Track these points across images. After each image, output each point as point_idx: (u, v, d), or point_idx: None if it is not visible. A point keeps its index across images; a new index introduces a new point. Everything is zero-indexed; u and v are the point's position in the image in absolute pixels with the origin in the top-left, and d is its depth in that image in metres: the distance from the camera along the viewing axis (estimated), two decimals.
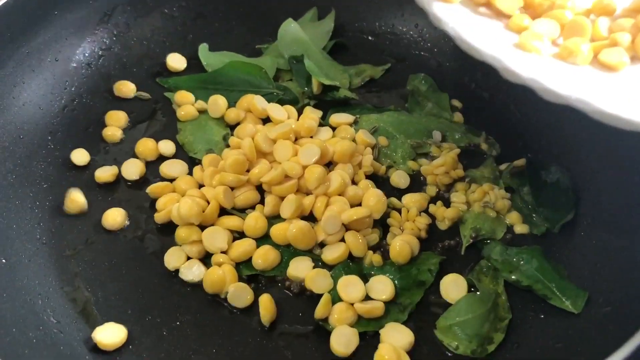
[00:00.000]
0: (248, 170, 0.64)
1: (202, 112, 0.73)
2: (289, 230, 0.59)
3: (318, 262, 0.60)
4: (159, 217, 0.63)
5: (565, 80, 0.48)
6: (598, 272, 0.58)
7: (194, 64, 0.79)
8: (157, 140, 0.70)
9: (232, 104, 0.73)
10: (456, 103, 0.75)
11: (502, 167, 0.68)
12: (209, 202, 0.62)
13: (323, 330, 0.56)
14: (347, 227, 0.61)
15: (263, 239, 0.61)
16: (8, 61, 0.68)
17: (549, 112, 0.70)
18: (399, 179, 0.66)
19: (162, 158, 0.69)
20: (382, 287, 0.57)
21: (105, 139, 0.70)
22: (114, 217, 0.63)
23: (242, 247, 0.59)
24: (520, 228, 0.63)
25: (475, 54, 0.50)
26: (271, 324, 0.56)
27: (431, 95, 0.75)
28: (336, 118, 0.71)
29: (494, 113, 0.74)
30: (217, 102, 0.71)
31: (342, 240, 0.60)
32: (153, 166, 0.68)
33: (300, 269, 0.58)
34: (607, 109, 0.45)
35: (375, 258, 0.59)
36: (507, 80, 0.50)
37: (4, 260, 0.58)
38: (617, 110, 0.45)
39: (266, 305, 0.56)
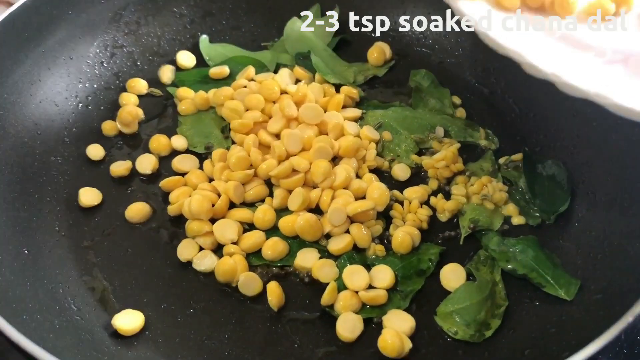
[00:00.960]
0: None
1: (203, 108, 0.76)
2: (297, 222, 0.62)
3: (324, 253, 0.62)
4: (171, 210, 0.65)
5: (585, 74, 0.49)
6: (591, 261, 0.60)
7: (204, 61, 0.81)
8: (170, 134, 0.73)
9: None
10: (456, 100, 0.77)
11: (501, 160, 0.70)
12: (219, 195, 0.65)
13: (329, 317, 0.59)
14: (352, 219, 0.63)
15: (272, 231, 0.64)
16: (25, 60, 0.71)
17: (546, 107, 0.73)
18: (399, 171, 0.69)
19: (175, 152, 0.72)
20: (383, 275, 0.60)
21: (104, 132, 0.74)
22: (138, 210, 0.66)
23: (253, 238, 0.62)
24: (517, 219, 0.66)
25: (498, 49, 0.52)
26: (279, 310, 0.59)
27: (433, 91, 0.78)
28: (344, 112, 0.74)
29: (494, 108, 0.77)
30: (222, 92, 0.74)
31: (347, 231, 0.63)
32: (165, 160, 0.71)
33: (307, 259, 0.61)
34: (625, 104, 0.47)
35: (379, 249, 0.62)
36: (529, 74, 0.51)
37: (26, 251, 0.61)
38: (635, 105, 0.47)
39: (274, 292, 0.59)
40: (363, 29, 0.84)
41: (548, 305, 0.59)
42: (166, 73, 0.80)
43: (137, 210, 0.66)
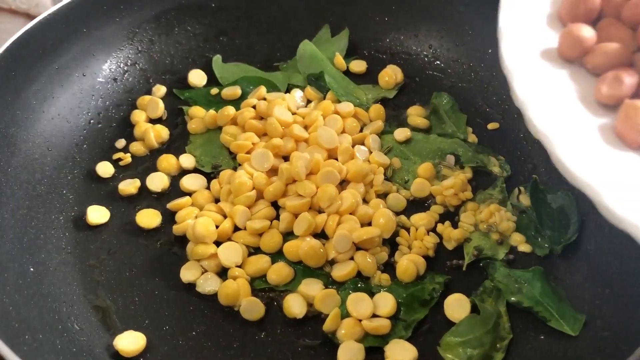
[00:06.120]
0: None
1: (213, 127, 0.76)
2: (301, 248, 0.62)
3: (328, 279, 0.62)
4: (177, 229, 0.65)
5: None
6: (598, 296, 0.59)
7: (215, 80, 0.82)
8: (180, 153, 0.73)
9: None
10: (468, 129, 0.76)
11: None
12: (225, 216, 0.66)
13: (330, 344, 0.58)
14: (357, 246, 0.63)
15: (276, 254, 0.64)
16: (39, 76, 0.72)
17: None
18: (392, 202, 0.68)
19: (185, 171, 0.72)
20: (384, 302, 0.60)
21: (133, 153, 0.74)
22: (148, 216, 0.67)
23: (259, 263, 0.62)
24: (524, 247, 0.65)
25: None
26: (280, 335, 0.59)
27: (451, 115, 0.77)
28: (368, 127, 0.75)
29: (506, 135, 0.76)
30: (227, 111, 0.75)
31: (352, 257, 0.63)
32: (175, 178, 0.71)
33: (311, 287, 0.61)
34: None
35: (384, 278, 0.62)
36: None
37: (32, 269, 0.61)
38: None
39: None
40: (374, 52, 0.85)
41: (553, 340, 0.58)
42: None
43: (146, 217, 0.67)
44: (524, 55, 0.49)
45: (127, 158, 0.73)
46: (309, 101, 0.79)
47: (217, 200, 0.68)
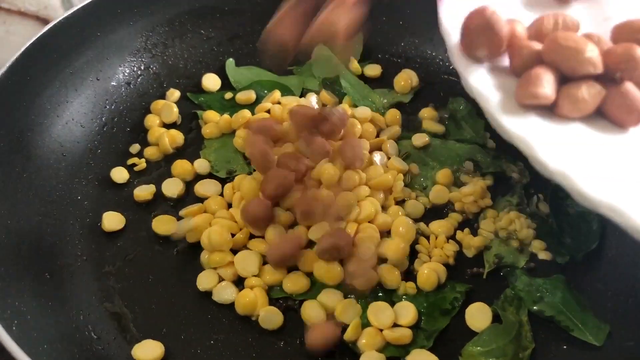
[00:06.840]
0: None
1: (227, 132, 0.75)
2: (316, 269, 0.61)
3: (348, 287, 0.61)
4: (191, 237, 0.65)
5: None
6: (621, 305, 0.59)
7: (229, 84, 0.81)
8: (195, 158, 0.72)
9: None
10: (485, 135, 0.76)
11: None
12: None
13: (350, 353, 0.57)
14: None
15: None
16: (54, 81, 0.72)
17: None
18: (411, 209, 0.68)
19: (199, 176, 0.71)
20: (405, 312, 0.59)
21: (147, 158, 0.73)
22: (164, 223, 0.66)
23: (276, 272, 0.61)
24: (544, 254, 0.64)
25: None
26: (299, 345, 0.58)
27: (469, 120, 0.77)
28: (384, 133, 0.74)
29: None
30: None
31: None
32: (190, 183, 0.71)
33: (330, 298, 0.60)
34: None
35: (409, 286, 0.61)
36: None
37: (48, 276, 0.61)
38: None
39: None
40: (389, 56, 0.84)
41: (576, 350, 0.57)
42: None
43: (163, 223, 0.66)
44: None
45: (141, 163, 0.72)
46: (324, 105, 0.78)
47: (230, 206, 0.68)
